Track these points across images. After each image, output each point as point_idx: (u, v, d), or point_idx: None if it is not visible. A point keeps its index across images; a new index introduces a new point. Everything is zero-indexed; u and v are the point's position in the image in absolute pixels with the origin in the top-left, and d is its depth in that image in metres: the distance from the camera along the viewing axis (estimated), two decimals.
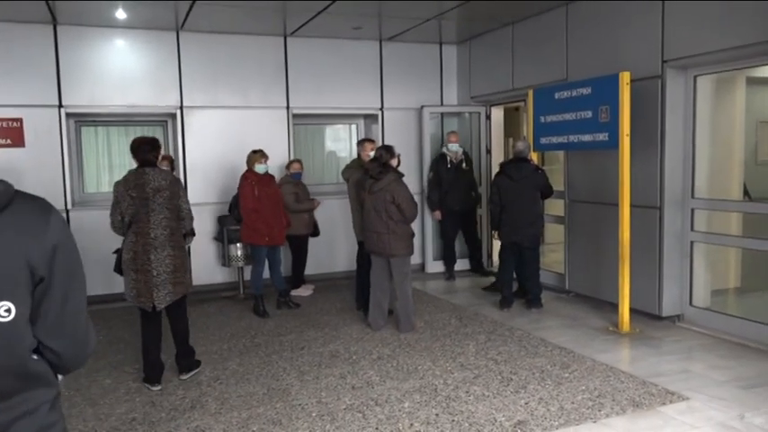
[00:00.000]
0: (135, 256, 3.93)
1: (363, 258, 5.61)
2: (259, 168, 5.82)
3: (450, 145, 7.12)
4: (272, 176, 6.00)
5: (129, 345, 5.09)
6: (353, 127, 8.17)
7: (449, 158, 7.11)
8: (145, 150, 4.01)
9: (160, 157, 4.18)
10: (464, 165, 7.05)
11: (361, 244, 5.65)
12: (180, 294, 4.04)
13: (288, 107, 7.24)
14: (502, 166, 5.95)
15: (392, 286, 5.31)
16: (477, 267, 7.44)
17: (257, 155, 5.85)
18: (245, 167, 5.96)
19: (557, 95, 5.71)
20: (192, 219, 4.11)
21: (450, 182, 7.05)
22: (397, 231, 5.07)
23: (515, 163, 5.77)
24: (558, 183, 6.37)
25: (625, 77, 4.95)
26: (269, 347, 4.94)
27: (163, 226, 3.93)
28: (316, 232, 6.88)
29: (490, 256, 7.79)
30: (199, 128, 6.84)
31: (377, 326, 5.30)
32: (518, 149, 5.82)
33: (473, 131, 7.97)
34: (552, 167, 8.36)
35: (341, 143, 8.45)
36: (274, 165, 6.79)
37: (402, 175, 5.13)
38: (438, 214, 7.26)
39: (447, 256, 7.39)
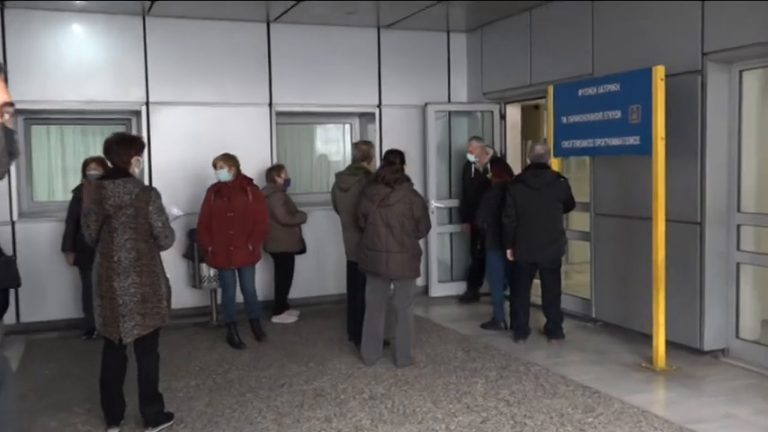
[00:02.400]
0: (99, 280, 3.92)
1: (356, 280, 5.57)
2: (219, 175, 5.81)
3: (468, 154, 7.10)
4: (246, 184, 5.95)
5: (79, 381, 5.04)
6: (347, 127, 8.18)
7: (473, 167, 7.14)
8: (113, 151, 3.93)
9: (134, 161, 3.98)
10: (489, 175, 7.00)
11: (350, 264, 5.62)
12: (151, 328, 3.98)
13: (271, 104, 7.25)
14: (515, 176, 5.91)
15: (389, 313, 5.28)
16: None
17: (217, 158, 5.85)
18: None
19: (581, 92, 5.73)
20: (167, 237, 3.97)
21: (473, 194, 7.07)
22: (410, 249, 5.10)
23: (534, 169, 5.74)
24: (582, 193, 6.35)
25: (659, 72, 4.95)
26: (243, 384, 4.90)
27: (127, 248, 3.87)
28: (302, 248, 6.88)
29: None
30: (167, 127, 6.85)
31: (370, 359, 5.27)
32: (537, 153, 5.80)
33: (485, 133, 7.95)
34: (579, 175, 8.31)
35: (332, 145, 8.44)
36: (255, 171, 6.78)
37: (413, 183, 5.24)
38: (464, 227, 7.40)
39: (471, 276, 7.51)
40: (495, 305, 6.31)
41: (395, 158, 5.20)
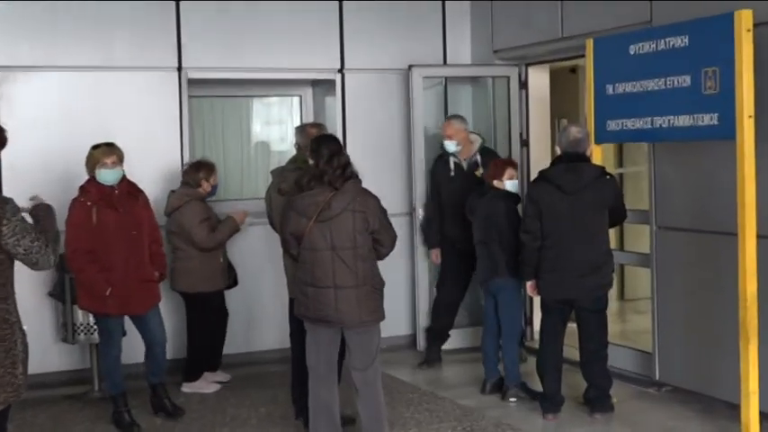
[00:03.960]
0: None
1: (303, 328, 5.56)
2: (105, 175, 5.81)
3: (444, 141, 7.12)
4: (133, 189, 5.98)
5: None
6: (295, 100, 8.23)
7: (452, 160, 7.13)
8: None
9: None
10: (479, 171, 7.03)
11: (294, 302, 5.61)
12: (2, 405, 3.90)
13: (180, 68, 7.27)
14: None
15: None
16: None
17: (99, 151, 5.83)
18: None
19: (633, 49, 5.77)
20: (39, 258, 3.86)
21: (453, 200, 7.08)
22: (369, 280, 5.08)
23: (567, 163, 5.77)
24: (638, 197, 6.37)
25: (744, 19, 4.98)
26: None
27: None
28: (232, 281, 6.90)
29: (529, 323, 7.76)
30: (24, 103, 6.81)
31: None
32: (572, 139, 5.82)
33: (498, 108, 8.00)
34: (638, 169, 8.38)
35: (275, 128, 8.43)
36: (155, 167, 6.75)
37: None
38: (436, 255, 7.37)
39: (434, 325, 7.46)
40: (508, 362, 6.34)
41: (337, 146, 5.17)
